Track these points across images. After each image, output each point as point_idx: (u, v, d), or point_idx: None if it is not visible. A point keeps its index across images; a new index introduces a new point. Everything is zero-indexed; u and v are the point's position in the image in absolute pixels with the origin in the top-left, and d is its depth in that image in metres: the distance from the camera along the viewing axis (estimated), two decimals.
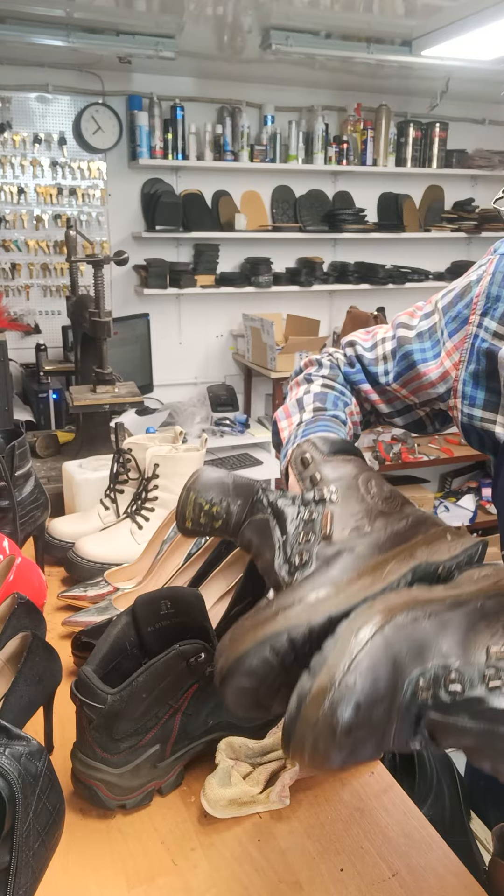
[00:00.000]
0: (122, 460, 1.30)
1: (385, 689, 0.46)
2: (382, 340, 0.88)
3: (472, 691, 0.47)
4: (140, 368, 3.83)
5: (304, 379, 0.88)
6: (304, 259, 4.35)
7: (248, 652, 0.51)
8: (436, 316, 0.84)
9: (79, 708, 0.74)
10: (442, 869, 0.71)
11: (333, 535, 0.59)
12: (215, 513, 0.65)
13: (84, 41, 3.17)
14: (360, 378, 0.88)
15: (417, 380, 0.84)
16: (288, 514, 0.62)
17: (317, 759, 0.45)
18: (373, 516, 0.62)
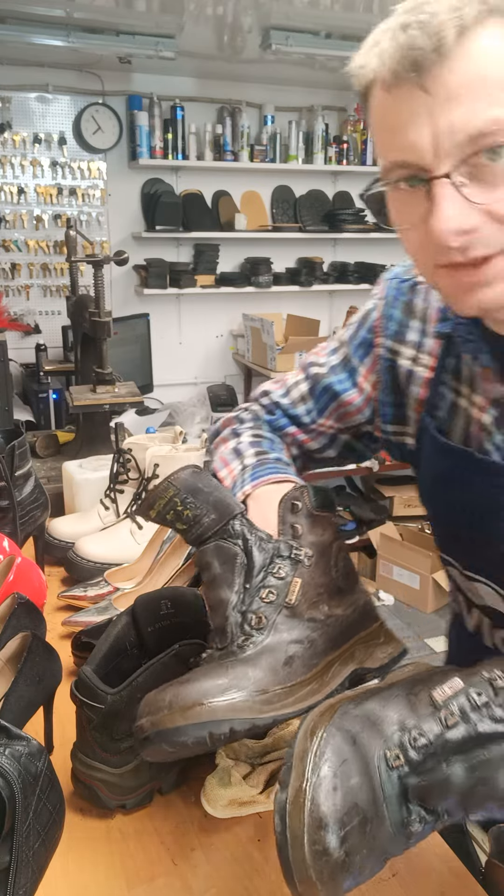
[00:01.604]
0: (122, 460, 1.30)
1: (359, 776, 0.49)
2: (295, 384, 0.92)
3: (439, 739, 0.50)
4: (140, 368, 3.83)
5: (230, 434, 0.89)
6: (304, 259, 4.35)
7: (186, 729, 0.54)
8: (343, 349, 0.89)
9: (79, 708, 0.74)
10: (442, 869, 0.71)
11: (295, 605, 0.63)
12: (185, 516, 0.65)
13: (84, 41, 3.17)
14: (284, 422, 0.91)
15: (344, 408, 0.88)
16: (257, 560, 0.64)
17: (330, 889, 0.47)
18: (332, 594, 0.66)
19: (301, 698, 0.59)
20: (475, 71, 0.54)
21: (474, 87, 0.54)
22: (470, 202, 0.56)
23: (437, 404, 0.78)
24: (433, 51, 0.54)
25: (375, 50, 0.58)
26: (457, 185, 0.56)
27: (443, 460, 0.77)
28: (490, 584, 0.76)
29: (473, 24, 0.53)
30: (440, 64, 0.54)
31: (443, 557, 0.84)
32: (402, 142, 0.57)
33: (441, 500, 0.79)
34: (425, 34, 0.54)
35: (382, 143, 0.60)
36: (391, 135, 0.58)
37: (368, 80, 0.59)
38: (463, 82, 0.54)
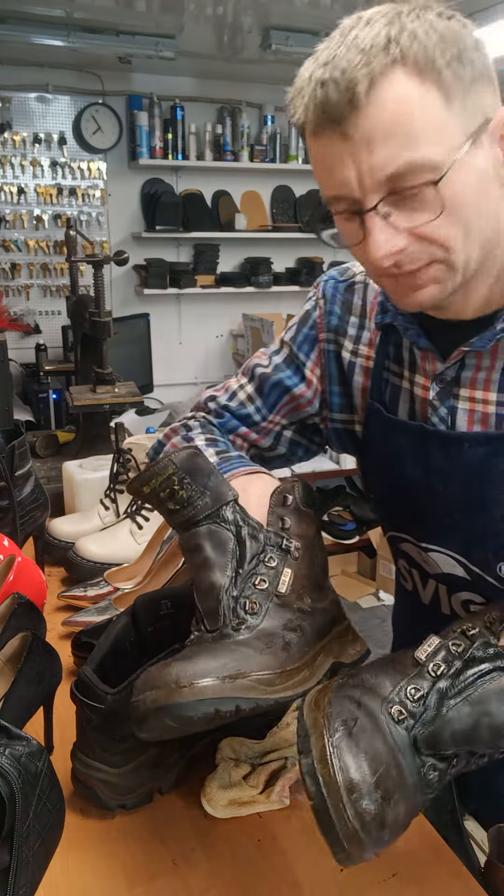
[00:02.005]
0: (122, 460, 1.30)
1: (373, 733, 0.54)
2: (240, 387, 0.96)
3: (432, 688, 0.56)
4: (140, 368, 3.83)
5: (181, 441, 0.91)
6: (304, 259, 4.35)
7: (194, 705, 0.56)
8: (284, 349, 0.95)
9: (79, 708, 0.74)
10: (442, 869, 0.71)
11: (286, 595, 0.66)
12: (179, 496, 0.66)
13: (84, 41, 3.17)
14: (234, 423, 0.94)
15: (295, 401, 0.94)
16: (249, 548, 0.66)
17: (368, 841, 0.51)
18: (314, 587, 0.69)
19: (298, 682, 0.62)
20: (387, 118, 0.60)
21: (387, 132, 0.60)
22: (396, 228, 0.64)
23: (381, 389, 0.86)
24: (347, 104, 0.60)
25: (300, 101, 0.65)
26: (383, 215, 0.64)
27: (396, 438, 0.83)
28: (446, 552, 0.82)
29: (381, 75, 0.59)
30: (355, 115, 0.61)
31: (394, 537, 0.90)
32: (333, 180, 0.65)
33: (395, 476, 0.84)
34: (339, 90, 0.61)
35: (319, 180, 0.68)
36: (324, 174, 0.67)
37: (299, 126, 0.67)
38: (377, 129, 0.60)
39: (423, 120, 0.60)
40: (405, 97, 0.60)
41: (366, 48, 0.60)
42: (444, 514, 0.80)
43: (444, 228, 0.64)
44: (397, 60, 0.59)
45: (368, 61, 0.59)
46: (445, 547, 0.82)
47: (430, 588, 0.88)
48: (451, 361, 0.77)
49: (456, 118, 0.61)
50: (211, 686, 0.55)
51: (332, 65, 0.61)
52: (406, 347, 0.83)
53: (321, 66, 0.62)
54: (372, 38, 0.60)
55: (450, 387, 0.78)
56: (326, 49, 0.63)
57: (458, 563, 0.81)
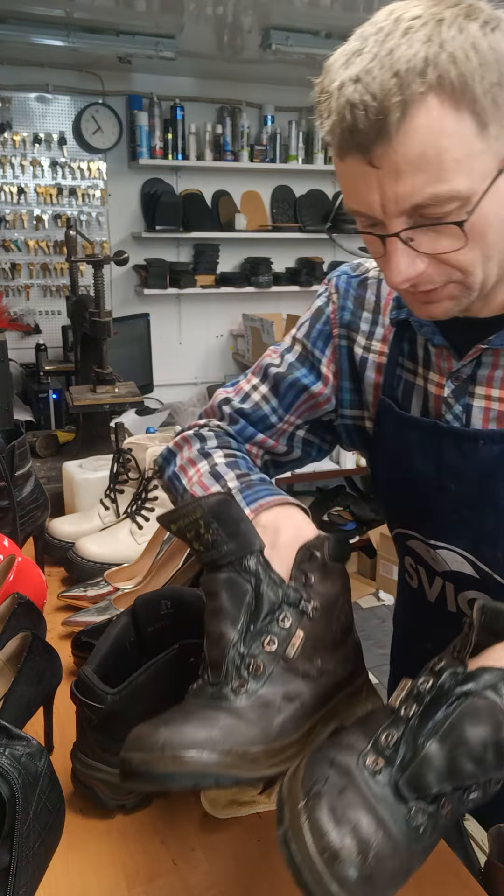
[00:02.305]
0: (122, 460, 1.30)
1: (348, 790, 0.51)
2: (253, 388, 0.94)
3: (406, 730, 0.54)
4: (140, 368, 3.83)
5: (198, 455, 0.87)
6: (304, 259, 4.35)
7: (174, 776, 0.55)
8: (297, 346, 0.93)
9: (79, 708, 0.74)
10: (442, 869, 0.71)
11: (293, 659, 0.64)
12: (204, 539, 0.64)
13: (84, 41, 3.18)
14: (251, 431, 0.92)
15: (312, 400, 0.92)
16: (265, 603, 0.64)
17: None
18: (328, 647, 0.67)
19: (284, 760, 0.60)
20: (416, 150, 0.58)
21: (416, 165, 0.59)
22: (418, 252, 0.63)
23: (394, 385, 0.85)
24: (377, 134, 0.58)
25: (327, 113, 0.64)
26: (405, 240, 0.63)
27: (408, 435, 0.83)
28: (454, 549, 0.81)
29: (414, 104, 0.57)
30: (384, 145, 0.59)
31: (401, 534, 0.90)
32: (357, 198, 0.64)
33: (405, 472, 0.84)
34: (368, 118, 0.58)
35: (343, 192, 0.67)
36: (348, 189, 0.66)
37: (324, 140, 0.66)
38: (405, 161, 0.59)
39: (455, 151, 0.58)
40: (438, 128, 0.57)
41: (401, 71, 0.57)
42: (454, 511, 0.79)
43: (465, 254, 0.63)
44: (433, 87, 0.57)
45: (402, 88, 0.56)
46: (454, 544, 0.81)
47: (436, 586, 0.88)
48: (468, 359, 0.76)
49: (490, 144, 0.59)
50: (194, 760, 0.54)
51: (363, 84, 0.58)
52: (420, 344, 0.83)
53: (352, 82, 0.59)
54: (409, 59, 0.57)
55: (465, 385, 0.77)
56: (359, 56, 0.60)
57: (466, 561, 0.81)
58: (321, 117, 0.65)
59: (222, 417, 0.94)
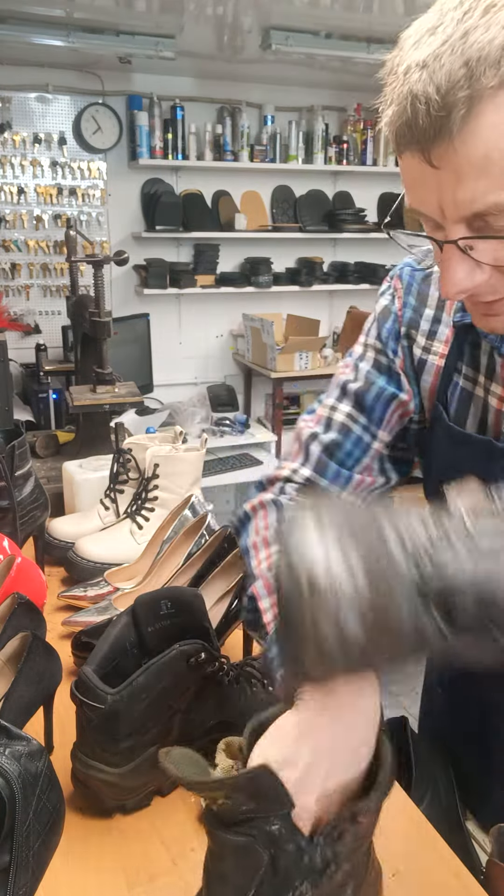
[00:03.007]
0: (122, 460, 1.30)
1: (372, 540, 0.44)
2: (333, 409, 0.84)
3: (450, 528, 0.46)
4: (140, 368, 3.83)
5: (273, 534, 0.77)
6: (304, 259, 4.35)
7: None
8: (370, 353, 0.84)
9: (79, 708, 0.74)
10: (442, 869, 0.71)
11: None
12: (221, 799, 0.51)
13: (84, 41, 3.18)
14: (346, 475, 0.82)
15: (401, 409, 0.83)
16: (281, 877, 0.51)
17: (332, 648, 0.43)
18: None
19: None
20: (481, 153, 0.52)
21: (479, 169, 0.52)
22: (477, 262, 0.57)
23: (449, 392, 0.78)
24: (437, 132, 0.52)
25: (388, 108, 0.57)
26: (463, 248, 0.57)
27: (458, 449, 0.76)
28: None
29: (483, 99, 0.50)
30: (445, 145, 0.53)
31: None
32: (416, 196, 0.59)
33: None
34: (430, 114, 0.52)
35: (404, 185, 0.61)
36: (408, 185, 0.59)
37: (384, 132, 0.59)
38: (467, 163, 0.53)
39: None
40: (502, 126, 0.51)
41: (472, 59, 0.50)
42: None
43: None
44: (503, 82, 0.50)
45: (471, 80, 0.50)
46: None
47: None
48: None
49: None
50: None
51: (430, 71, 0.51)
52: (485, 350, 0.75)
53: (419, 68, 0.52)
54: (483, 45, 0.49)
55: None
56: (432, 35, 0.52)
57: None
58: (384, 102, 0.57)
59: (307, 459, 0.84)
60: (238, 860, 0.51)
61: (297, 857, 0.51)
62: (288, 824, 0.51)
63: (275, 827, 0.50)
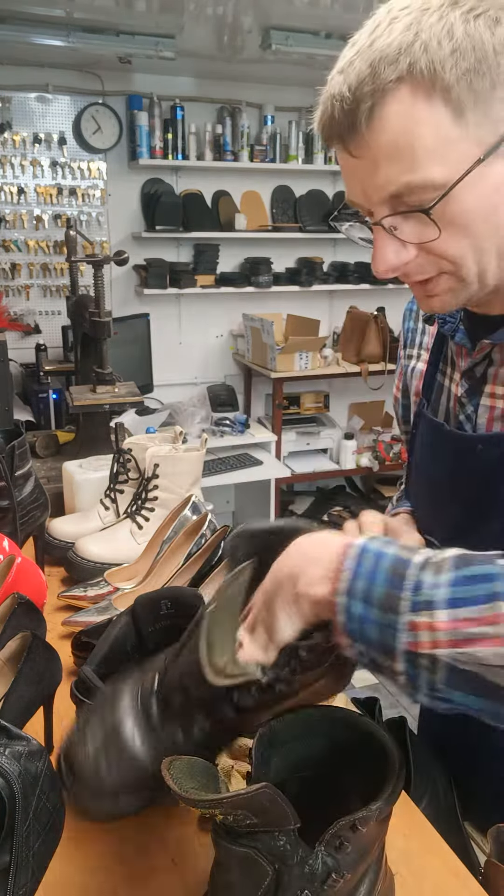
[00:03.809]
0: (122, 460, 1.30)
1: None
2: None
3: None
4: (140, 368, 3.83)
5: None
6: (304, 259, 4.35)
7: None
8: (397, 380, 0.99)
9: (79, 708, 0.74)
10: (442, 869, 0.71)
11: None
12: (220, 816, 0.52)
13: (84, 41, 3.17)
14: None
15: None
16: (285, 888, 0.51)
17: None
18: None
19: None
20: (388, 141, 0.59)
21: (389, 155, 0.59)
22: (403, 242, 0.63)
23: (431, 388, 0.85)
24: (350, 126, 0.60)
25: (317, 111, 0.66)
26: (389, 229, 0.63)
27: (428, 435, 0.83)
28: None
29: (385, 94, 0.58)
30: (358, 137, 0.60)
31: (425, 538, 0.88)
32: (348, 188, 0.66)
33: (424, 474, 0.84)
34: (343, 110, 0.60)
35: (342, 178, 0.68)
36: (343, 178, 0.67)
37: (315, 131, 0.68)
38: (378, 151, 0.60)
39: (428, 139, 0.58)
40: (409, 117, 0.58)
41: (375, 61, 0.58)
42: (464, 516, 0.78)
43: (450, 244, 0.62)
44: (404, 76, 0.57)
45: (375, 78, 0.57)
46: (466, 549, 0.79)
47: None
48: (478, 356, 0.75)
49: (469, 131, 0.58)
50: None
51: (345, 74, 0.60)
52: (449, 344, 0.83)
53: (338, 73, 0.61)
54: (384, 48, 0.58)
55: (479, 384, 0.76)
56: (351, 49, 0.62)
57: None
58: (315, 110, 0.67)
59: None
60: (243, 871, 0.52)
61: (300, 867, 0.52)
62: (293, 840, 0.52)
63: (280, 842, 0.51)
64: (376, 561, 0.53)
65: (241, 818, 0.50)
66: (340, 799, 0.60)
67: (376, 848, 0.58)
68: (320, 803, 0.60)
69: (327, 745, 0.61)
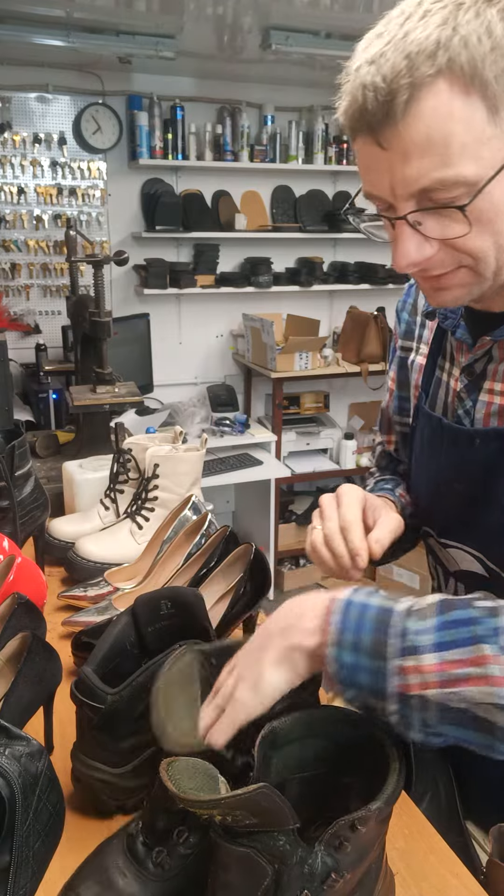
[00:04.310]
0: (122, 460, 1.30)
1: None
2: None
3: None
4: (140, 368, 3.83)
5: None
6: (304, 259, 4.35)
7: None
8: (390, 370, 0.99)
9: (79, 708, 0.74)
10: (442, 869, 0.71)
11: None
12: (219, 816, 0.51)
13: (84, 41, 3.17)
14: (393, 481, 1.00)
15: (388, 417, 0.98)
16: (286, 888, 0.51)
17: None
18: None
19: None
20: (423, 134, 0.58)
21: (423, 148, 0.59)
22: (426, 236, 0.63)
23: (430, 382, 0.86)
24: (385, 116, 0.59)
25: (342, 101, 0.64)
26: (413, 224, 0.63)
27: (426, 429, 0.84)
28: (464, 548, 0.81)
29: (422, 86, 0.57)
30: (392, 127, 0.59)
31: (424, 532, 0.91)
32: (369, 179, 0.65)
33: (424, 469, 0.85)
34: (377, 100, 0.58)
35: (360, 175, 0.67)
36: (362, 170, 0.66)
37: (339, 122, 0.67)
38: (412, 144, 0.59)
39: (463, 136, 0.58)
40: (446, 112, 0.57)
41: (412, 53, 0.57)
42: (462, 510, 0.79)
43: (475, 240, 0.63)
44: (442, 71, 0.57)
45: (412, 70, 0.57)
46: (464, 543, 0.81)
47: (450, 587, 0.88)
48: (478, 352, 0.76)
49: (502, 129, 0.59)
50: None
51: (377, 65, 0.58)
52: (449, 339, 0.83)
53: (367, 64, 0.60)
54: (421, 41, 0.57)
55: (478, 380, 0.77)
56: (379, 39, 0.60)
57: (476, 560, 0.81)
58: (339, 99, 0.64)
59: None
60: (243, 871, 0.52)
61: (300, 867, 0.52)
62: (293, 840, 0.52)
63: (280, 842, 0.51)
64: (361, 612, 0.57)
65: (240, 818, 0.50)
66: (340, 799, 0.60)
67: (376, 848, 0.58)
68: (320, 803, 0.60)
69: (327, 746, 0.61)
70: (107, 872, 0.61)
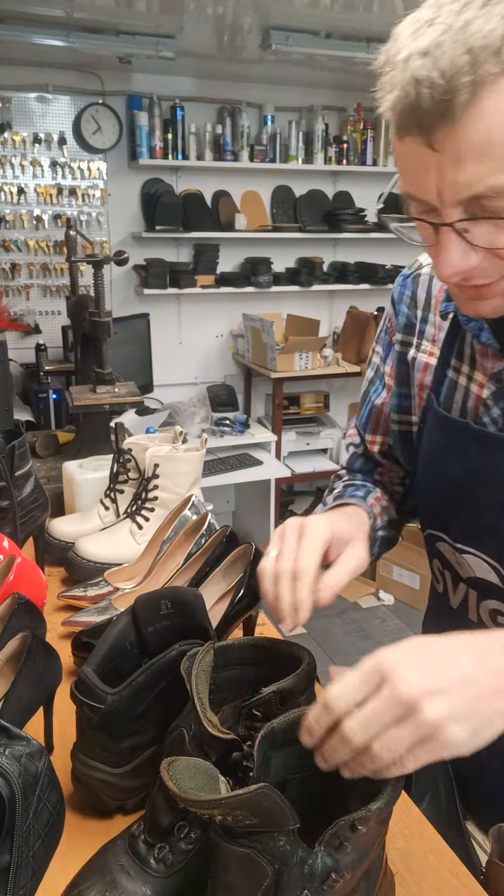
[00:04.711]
0: (122, 460, 1.30)
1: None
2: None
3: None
4: (140, 368, 3.83)
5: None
6: (304, 259, 4.35)
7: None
8: (374, 357, 0.97)
9: (79, 708, 0.74)
10: (442, 869, 0.71)
11: None
12: (219, 816, 0.51)
13: (84, 41, 3.18)
14: (368, 488, 0.96)
15: (382, 415, 0.95)
16: (286, 888, 0.51)
17: None
18: None
19: None
20: (482, 136, 0.53)
21: (480, 152, 0.54)
22: (472, 245, 0.59)
23: (441, 384, 0.83)
24: (441, 115, 0.53)
25: (389, 94, 0.57)
26: (459, 231, 0.58)
27: (443, 434, 0.81)
28: (480, 555, 0.79)
29: (486, 85, 0.52)
30: (448, 128, 0.54)
31: (431, 535, 0.88)
32: (413, 180, 0.59)
33: (438, 473, 0.82)
34: (433, 97, 0.53)
35: (400, 174, 0.62)
36: (405, 170, 0.60)
37: (384, 116, 0.60)
38: (469, 147, 0.54)
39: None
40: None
41: (475, 47, 0.51)
42: (482, 516, 0.77)
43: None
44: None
45: (475, 66, 0.51)
46: (481, 550, 0.79)
47: (460, 592, 0.86)
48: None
49: None
50: None
51: (432, 57, 0.53)
52: (468, 342, 0.79)
53: (420, 55, 0.54)
54: (486, 34, 0.51)
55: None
56: (430, 25, 0.54)
57: (491, 569, 0.79)
58: (382, 90, 0.58)
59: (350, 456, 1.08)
60: (243, 872, 0.52)
61: (300, 867, 0.52)
62: (293, 840, 0.51)
63: (280, 842, 0.51)
64: None
65: (240, 818, 0.50)
66: (340, 799, 0.60)
67: (376, 848, 0.58)
68: (320, 803, 0.60)
69: None
70: (110, 872, 0.61)
